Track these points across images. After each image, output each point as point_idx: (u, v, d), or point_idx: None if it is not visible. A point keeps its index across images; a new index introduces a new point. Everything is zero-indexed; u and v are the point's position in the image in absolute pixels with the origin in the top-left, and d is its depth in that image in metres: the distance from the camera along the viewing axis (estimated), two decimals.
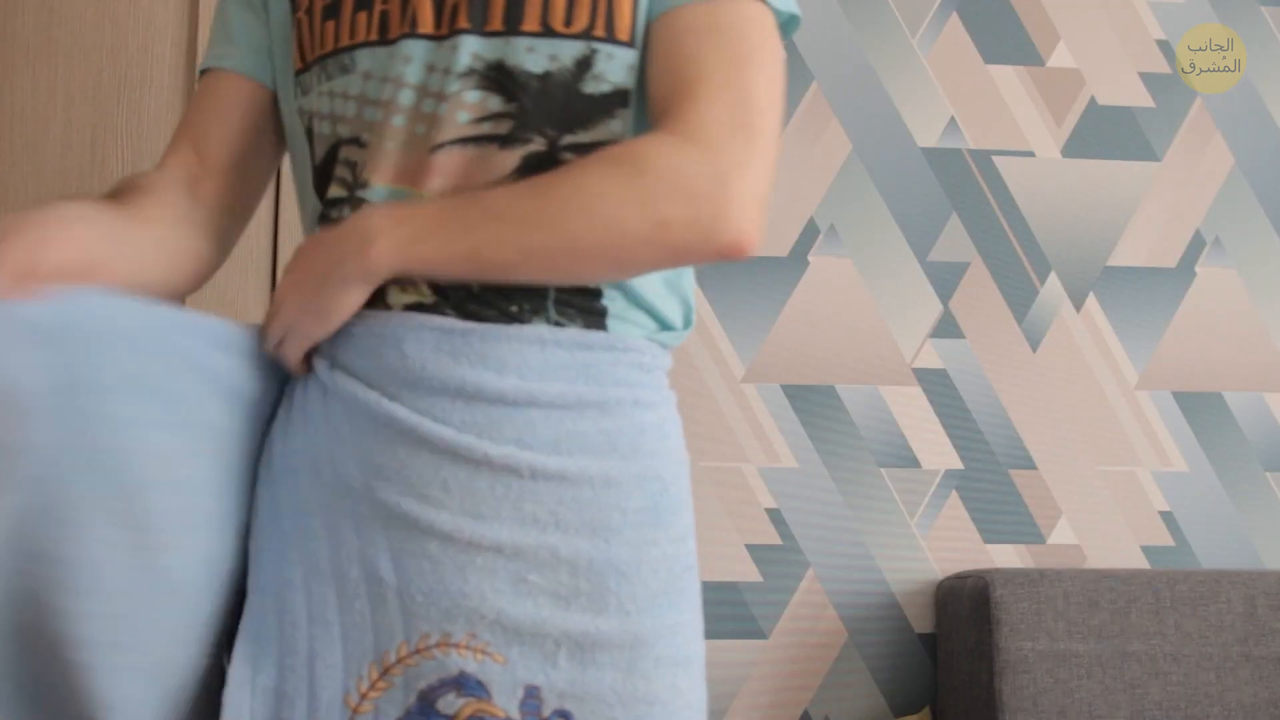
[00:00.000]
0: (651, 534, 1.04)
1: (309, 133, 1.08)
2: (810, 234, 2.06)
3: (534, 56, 0.99)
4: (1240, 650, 1.87)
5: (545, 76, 0.99)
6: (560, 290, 1.01)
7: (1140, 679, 1.84)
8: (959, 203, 2.09)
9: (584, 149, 0.99)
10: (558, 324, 1.01)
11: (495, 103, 0.99)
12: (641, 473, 1.03)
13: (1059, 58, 2.13)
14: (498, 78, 1.00)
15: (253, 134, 1.14)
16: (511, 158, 0.99)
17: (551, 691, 0.99)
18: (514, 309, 1.00)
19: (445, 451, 0.98)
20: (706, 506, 2.01)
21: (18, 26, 1.91)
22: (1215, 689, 1.85)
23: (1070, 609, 1.85)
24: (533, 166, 0.99)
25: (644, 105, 1.02)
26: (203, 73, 1.16)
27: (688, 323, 1.12)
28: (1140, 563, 2.07)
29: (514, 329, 1.00)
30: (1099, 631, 1.85)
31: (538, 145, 0.99)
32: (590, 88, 1.00)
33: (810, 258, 2.06)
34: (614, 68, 1.00)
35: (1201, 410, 2.10)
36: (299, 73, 1.09)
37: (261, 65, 1.13)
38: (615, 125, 1.01)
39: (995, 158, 2.11)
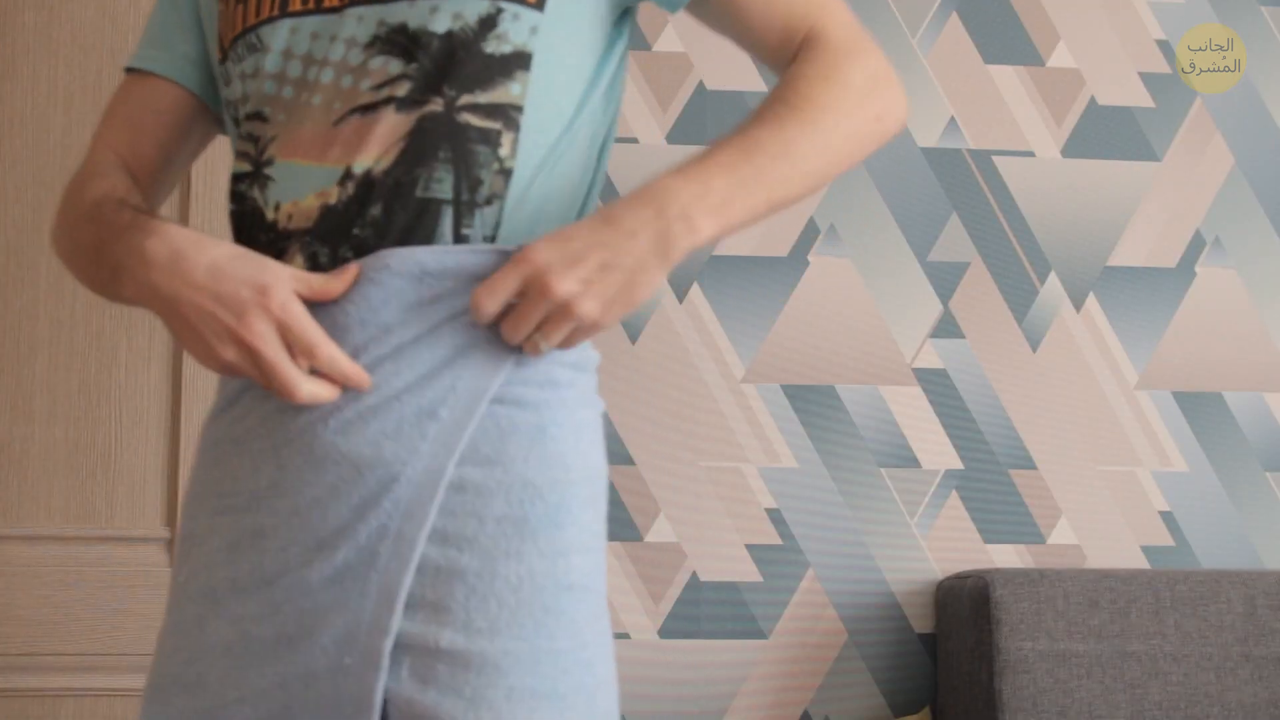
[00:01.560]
0: (514, 545, 0.94)
1: (236, 122, 1.08)
2: (810, 234, 2.06)
3: (438, 16, 0.99)
4: (1240, 650, 1.87)
5: (447, 36, 0.99)
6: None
7: (1140, 679, 1.84)
8: (959, 203, 2.09)
9: (481, 110, 0.99)
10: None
11: (395, 66, 0.99)
12: (505, 479, 0.95)
13: (1059, 58, 2.13)
14: (400, 41, 0.99)
15: (179, 139, 1.16)
16: (408, 120, 0.98)
17: (393, 706, 0.93)
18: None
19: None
20: (706, 506, 2.01)
21: (18, 26, 1.91)
22: (1215, 689, 1.85)
23: (1070, 609, 1.85)
24: (428, 128, 0.98)
25: (551, 71, 1.02)
26: (130, 70, 1.17)
27: None
28: (1140, 563, 2.07)
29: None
30: (1099, 631, 1.85)
31: (435, 106, 0.98)
32: (492, 47, 1.00)
33: (810, 258, 2.06)
34: (518, 29, 1.00)
35: (1201, 410, 2.10)
36: (221, 62, 1.09)
37: (185, 70, 1.15)
38: (514, 88, 1.00)
39: (995, 158, 2.11)
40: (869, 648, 2.02)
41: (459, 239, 0.98)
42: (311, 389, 0.92)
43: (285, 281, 0.93)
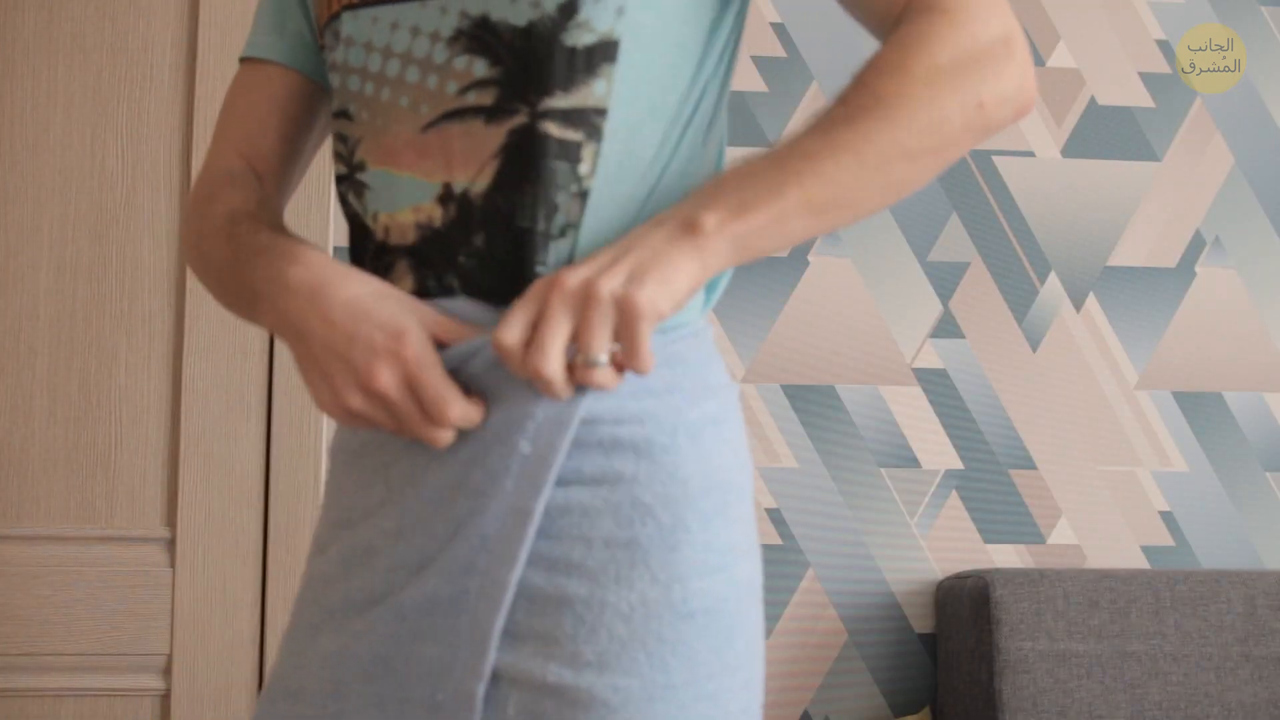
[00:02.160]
0: (625, 571, 0.86)
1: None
2: None
3: (517, 7, 0.88)
4: (1240, 650, 1.87)
5: (528, 30, 0.88)
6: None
7: (1140, 679, 1.84)
8: (959, 203, 2.09)
9: (561, 118, 0.88)
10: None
11: (481, 67, 0.89)
12: (613, 498, 0.87)
13: (1059, 58, 2.13)
14: (483, 37, 0.89)
15: (300, 128, 1.09)
16: (498, 134, 0.89)
17: None
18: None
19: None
20: None
21: (18, 26, 1.91)
22: (1215, 689, 1.85)
23: (1070, 609, 1.85)
24: (518, 145, 0.88)
25: (642, 59, 0.90)
26: (244, 60, 1.10)
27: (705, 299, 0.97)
28: (1140, 563, 2.07)
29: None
30: (1099, 631, 1.85)
31: (521, 118, 0.88)
32: (573, 39, 0.88)
33: (810, 258, 2.06)
34: (602, 12, 0.88)
35: (1201, 410, 2.10)
36: (320, 50, 1.03)
37: (298, 53, 1.08)
38: (598, 87, 0.89)
39: (995, 158, 2.11)
40: (869, 648, 2.02)
41: (532, 277, 0.88)
42: (450, 437, 0.87)
43: (423, 325, 0.86)
